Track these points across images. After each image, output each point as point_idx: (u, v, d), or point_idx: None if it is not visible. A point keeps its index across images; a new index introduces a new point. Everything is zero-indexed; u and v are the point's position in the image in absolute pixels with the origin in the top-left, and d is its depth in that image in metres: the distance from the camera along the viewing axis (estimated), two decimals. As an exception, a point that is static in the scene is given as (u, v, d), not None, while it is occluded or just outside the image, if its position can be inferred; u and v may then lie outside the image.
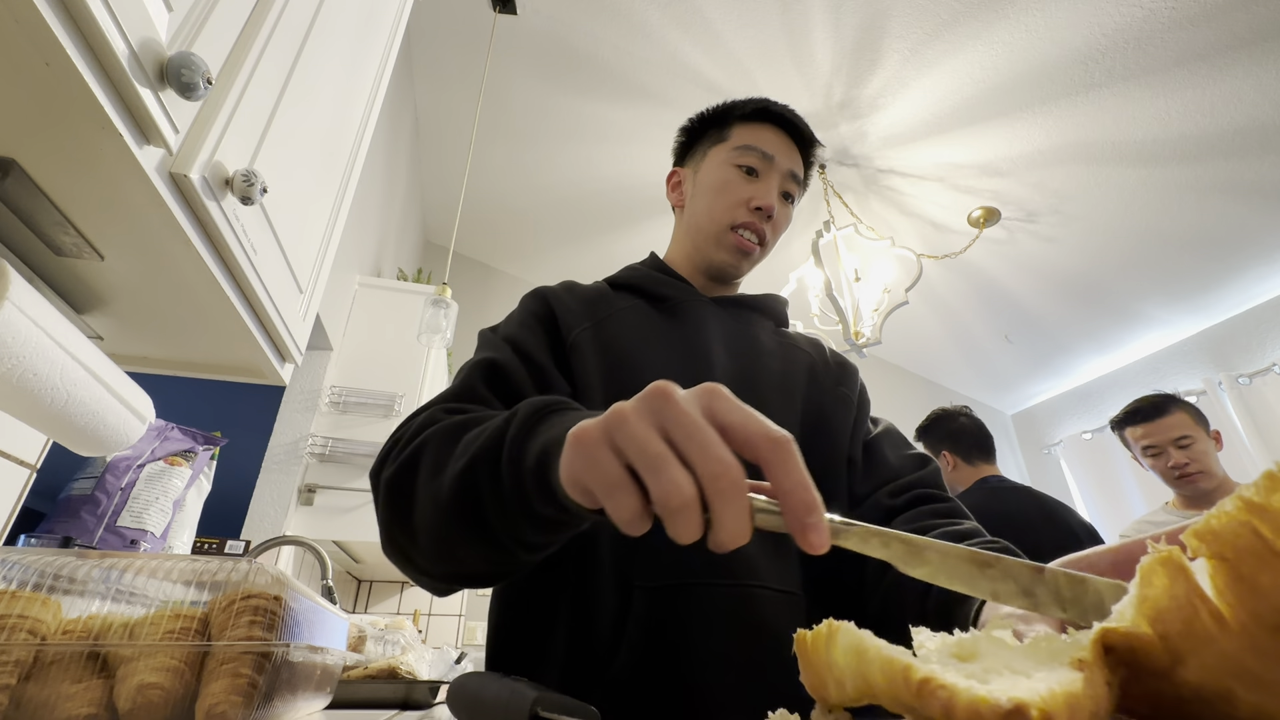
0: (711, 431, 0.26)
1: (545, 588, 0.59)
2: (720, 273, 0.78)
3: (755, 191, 0.75)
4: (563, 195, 2.84)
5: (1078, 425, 3.90)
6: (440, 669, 1.08)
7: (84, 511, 0.78)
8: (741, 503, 0.25)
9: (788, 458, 0.26)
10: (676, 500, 0.25)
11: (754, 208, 0.75)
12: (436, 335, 1.69)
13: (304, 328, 0.80)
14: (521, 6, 2.04)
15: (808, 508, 0.25)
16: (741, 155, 0.76)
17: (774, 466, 0.26)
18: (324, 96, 0.75)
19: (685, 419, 0.26)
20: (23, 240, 0.57)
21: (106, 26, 0.40)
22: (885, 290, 2.44)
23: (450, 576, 0.48)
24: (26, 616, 0.37)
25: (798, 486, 0.25)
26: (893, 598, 0.58)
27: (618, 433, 0.27)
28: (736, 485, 0.25)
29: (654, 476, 0.25)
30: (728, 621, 0.56)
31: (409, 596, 2.56)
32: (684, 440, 0.26)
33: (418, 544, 0.45)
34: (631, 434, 0.27)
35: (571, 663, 0.55)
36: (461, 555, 0.43)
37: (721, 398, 0.27)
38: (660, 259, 0.83)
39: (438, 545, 0.44)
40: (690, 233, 0.80)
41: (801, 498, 0.25)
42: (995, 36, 2.02)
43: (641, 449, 0.26)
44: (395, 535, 0.48)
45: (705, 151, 0.80)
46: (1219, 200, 2.57)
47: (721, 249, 0.76)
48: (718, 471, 0.25)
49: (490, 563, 0.44)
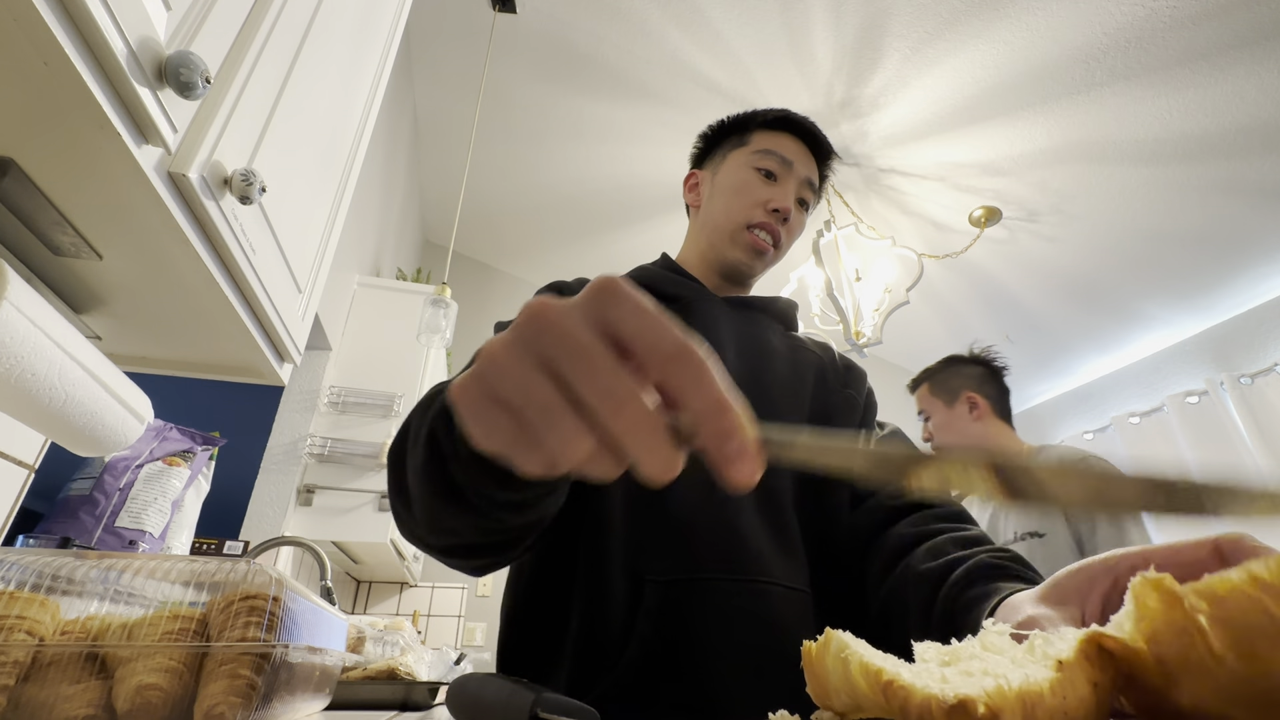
0: (602, 355, 0.21)
1: (556, 581, 0.60)
2: (734, 271, 0.79)
3: (773, 194, 0.77)
4: (563, 194, 2.84)
5: (1079, 425, 3.90)
6: (439, 670, 1.08)
7: (82, 512, 0.78)
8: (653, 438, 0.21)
9: (695, 373, 0.21)
10: (576, 456, 0.21)
11: (771, 209, 0.76)
12: (436, 335, 1.69)
13: (303, 328, 0.80)
14: (521, 5, 2.04)
15: (724, 434, 0.21)
16: (762, 159, 0.78)
17: (679, 388, 0.21)
18: (323, 96, 0.75)
19: (569, 345, 0.21)
20: (21, 240, 0.57)
21: (105, 26, 0.39)
22: (886, 290, 2.43)
23: (451, 549, 0.48)
24: (25, 617, 0.37)
25: (711, 409, 0.21)
26: (894, 600, 0.57)
27: (495, 382, 0.22)
28: (639, 422, 0.20)
29: (546, 434, 0.21)
30: (737, 616, 0.56)
31: (408, 597, 2.56)
32: (568, 370, 0.21)
33: (414, 516, 0.45)
34: (510, 381, 0.22)
35: (581, 656, 0.56)
36: (450, 524, 0.42)
37: (614, 300, 0.22)
38: (672, 259, 0.84)
39: (427, 515, 0.43)
40: (706, 231, 0.81)
41: (716, 424, 0.21)
42: (996, 35, 2.02)
43: (524, 399, 0.22)
44: (397, 509, 0.48)
45: (725, 155, 0.82)
46: (1221, 200, 2.57)
47: (736, 247, 0.77)
48: (612, 409, 0.21)
49: (481, 531, 0.43)
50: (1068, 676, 0.18)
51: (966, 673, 0.20)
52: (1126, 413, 3.58)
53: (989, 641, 0.23)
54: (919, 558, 0.56)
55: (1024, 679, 0.18)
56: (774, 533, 0.62)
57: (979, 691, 0.18)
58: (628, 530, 0.59)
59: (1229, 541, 0.27)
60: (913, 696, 0.19)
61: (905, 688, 0.19)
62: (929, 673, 0.20)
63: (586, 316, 0.22)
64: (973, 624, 0.46)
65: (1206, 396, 3.25)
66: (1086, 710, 0.18)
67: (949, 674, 0.20)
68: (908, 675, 0.20)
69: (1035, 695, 0.18)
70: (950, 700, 0.18)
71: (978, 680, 0.19)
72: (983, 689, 0.18)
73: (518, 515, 0.41)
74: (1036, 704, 0.18)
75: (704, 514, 0.60)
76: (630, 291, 0.22)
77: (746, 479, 0.21)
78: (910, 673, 0.20)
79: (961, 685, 0.19)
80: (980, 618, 0.45)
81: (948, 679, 0.19)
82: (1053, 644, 0.21)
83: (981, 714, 0.17)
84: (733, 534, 0.60)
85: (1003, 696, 0.18)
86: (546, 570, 0.61)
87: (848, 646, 0.22)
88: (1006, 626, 0.24)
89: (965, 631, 0.46)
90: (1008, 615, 0.37)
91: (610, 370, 0.21)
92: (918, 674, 0.20)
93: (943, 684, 0.19)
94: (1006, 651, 0.22)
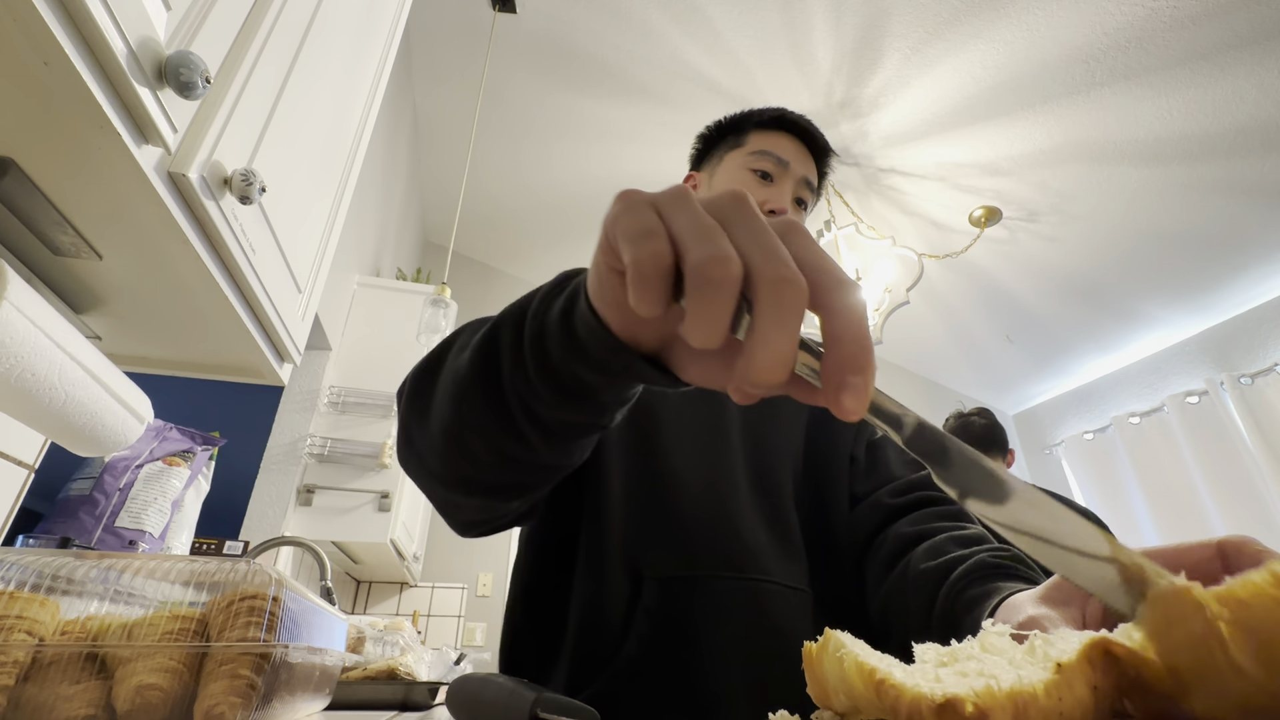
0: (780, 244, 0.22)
1: (558, 578, 0.60)
2: None
3: (769, 195, 0.76)
4: (563, 194, 2.84)
5: (1079, 425, 3.90)
6: (439, 670, 1.08)
7: (82, 512, 0.78)
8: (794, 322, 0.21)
9: (852, 303, 0.22)
10: (718, 270, 0.21)
11: (767, 211, 0.76)
12: (436, 335, 1.69)
13: (303, 328, 0.80)
14: (521, 5, 2.04)
15: (857, 365, 0.21)
16: (757, 160, 0.77)
17: (832, 308, 0.21)
18: (323, 95, 0.75)
19: (755, 222, 0.23)
20: (21, 240, 0.57)
21: (105, 26, 0.39)
22: (886, 290, 2.43)
23: (458, 480, 0.46)
24: (25, 617, 0.37)
25: (856, 336, 0.21)
26: (894, 599, 0.57)
27: (669, 204, 0.24)
28: (796, 298, 0.21)
29: (698, 243, 0.22)
30: (736, 614, 0.56)
31: (408, 597, 2.56)
32: (747, 240, 0.22)
33: (429, 435, 0.44)
34: (685, 209, 0.23)
35: (580, 653, 0.56)
36: (471, 445, 0.41)
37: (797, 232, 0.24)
38: None
39: (448, 433, 0.42)
40: None
41: (853, 351, 0.21)
42: (996, 35, 2.02)
43: (693, 220, 0.23)
44: (410, 430, 0.46)
45: (721, 156, 0.82)
46: (1221, 199, 2.57)
47: None
48: (778, 275, 0.21)
49: (503, 459, 0.41)
50: (1065, 678, 0.18)
51: (962, 673, 0.20)
52: (1126, 413, 3.59)
53: (988, 642, 0.23)
54: (919, 556, 0.56)
55: (1016, 680, 0.18)
56: (774, 531, 0.62)
57: (968, 691, 0.18)
58: (628, 527, 0.59)
59: (1233, 544, 0.27)
60: (903, 696, 0.19)
61: (896, 687, 0.19)
62: (923, 673, 0.20)
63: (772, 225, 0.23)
64: (973, 624, 0.46)
65: (1206, 396, 3.25)
66: (1084, 713, 0.18)
67: (943, 674, 0.20)
68: (900, 675, 0.20)
69: (1028, 696, 0.18)
70: (939, 699, 0.18)
71: (971, 681, 0.19)
72: (972, 689, 0.18)
73: (550, 444, 0.39)
74: (1029, 705, 0.18)
75: (704, 512, 0.60)
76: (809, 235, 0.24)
77: (857, 409, 0.21)
78: (903, 672, 0.20)
79: (954, 685, 0.19)
80: (981, 617, 0.45)
81: (941, 679, 0.20)
82: (1054, 645, 0.21)
83: (969, 713, 0.17)
84: (732, 532, 0.60)
85: (991, 696, 0.18)
86: (547, 566, 0.61)
87: (844, 646, 0.22)
88: (1006, 627, 0.24)
89: (966, 631, 0.46)
90: (1008, 615, 0.37)
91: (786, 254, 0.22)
92: (911, 674, 0.20)
93: (935, 683, 0.19)
94: (1006, 652, 0.22)
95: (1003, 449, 1.88)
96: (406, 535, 2.01)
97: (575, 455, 0.44)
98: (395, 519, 1.84)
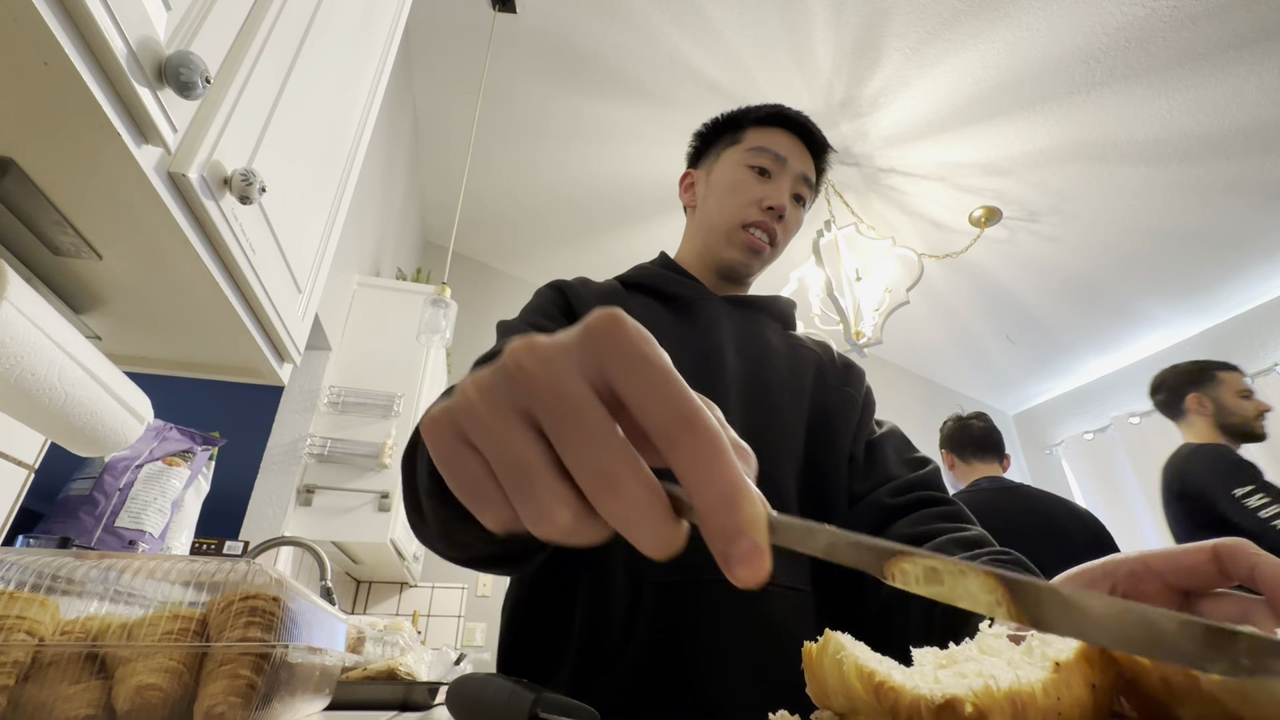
0: (592, 414, 0.18)
1: (558, 586, 0.60)
2: (731, 271, 0.79)
3: (767, 192, 0.76)
4: (563, 194, 2.84)
5: (1079, 425, 3.90)
6: (439, 670, 1.08)
7: (82, 512, 0.78)
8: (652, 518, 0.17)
9: (706, 452, 0.17)
10: (552, 531, 0.18)
11: (765, 207, 0.75)
12: (436, 335, 1.69)
13: (303, 327, 0.80)
14: (521, 5, 2.04)
15: (731, 533, 0.17)
16: (755, 156, 0.77)
17: (686, 469, 0.17)
18: (323, 95, 0.75)
19: (552, 398, 0.18)
20: (21, 240, 0.57)
21: (105, 25, 0.39)
22: (886, 290, 2.43)
23: (469, 561, 0.47)
24: (24, 617, 0.37)
25: (719, 501, 0.17)
26: (894, 600, 0.57)
27: (465, 421, 0.19)
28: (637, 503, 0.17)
29: (513, 494, 0.18)
30: (736, 618, 0.56)
31: (408, 597, 2.56)
32: (553, 431, 0.18)
33: (429, 527, 0.44)
34: (481, 425, 0.19)
35: (582, 658, 0.56)
36: (461, 539, 0.42)
37: (616, 348, 0.18)
38: (670, 258, 0.84)
39: (439, 529, 0.42)
40: (702, 231, 0.81)
41: (723, 520, 0.17)
42: (996, 35, 2.02)
43: (495, 449, 0.18)
44: (412, 519, 0.47)
45: (719, 153, 0.82)
46: (1221, 199, 2.57)
47: (732, 246, 0.77)
48: (606, 487, 0.17)
49: (493, 541, 0.42)
50: (1063, 677, 0.18)
51: (960, 674, 0.20)
52: (1126, 413, 3.58)
53: (986, 644, 0.23)
54: None
55: (1014, 679, 0.18)
56: None
57: (967, 692, 0.18)
58: None
59: (1227, 549, 0.26)
60: (903, 698, 0.19)
61: (896, 689, 0.19)
62: (922, 675, 0.20)
63: (582, 365, 0.18)
64: (973, 628, 0.46)
65: (1206, 396, 3.25)
66: (1083, 712, 0.18)
67: (942, 676, 0.20)
68: (899, 677, 0.20)
69: (1026, 695, 0.18)
70: (938, 700, 0.18)
71: (970, 681, 0.19)
72: (970, 689, 0.18)
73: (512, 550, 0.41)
74: (1028, 704, 0.18)
75: None
76: (635, 336, 0.18)
77: (753, 580, 0.17)
78: (902, 674, 0.20)
79: (953, 686, 0.19)
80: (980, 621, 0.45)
81: (940, 680, 0.20)
82: (1051, 645, 0.21)
83: (969, 713, 0.17)
84: None
85: (990, 696, 0.18)
86: (548, 574, 0.61)
87: (844, 648, 0.22)
88: (1003, 629, 0.24)
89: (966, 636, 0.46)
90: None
91: (605, 437, 0.17)
92: (910, 676, 0.20)
93: (934, 685, 0.19)
94: (1004, 654, 0.22)
95: (999, 452, 1.88)
96: (407, 535, 2.01)
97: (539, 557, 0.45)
98: (395, 519, 1.84)
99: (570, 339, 0.19)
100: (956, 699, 0.18)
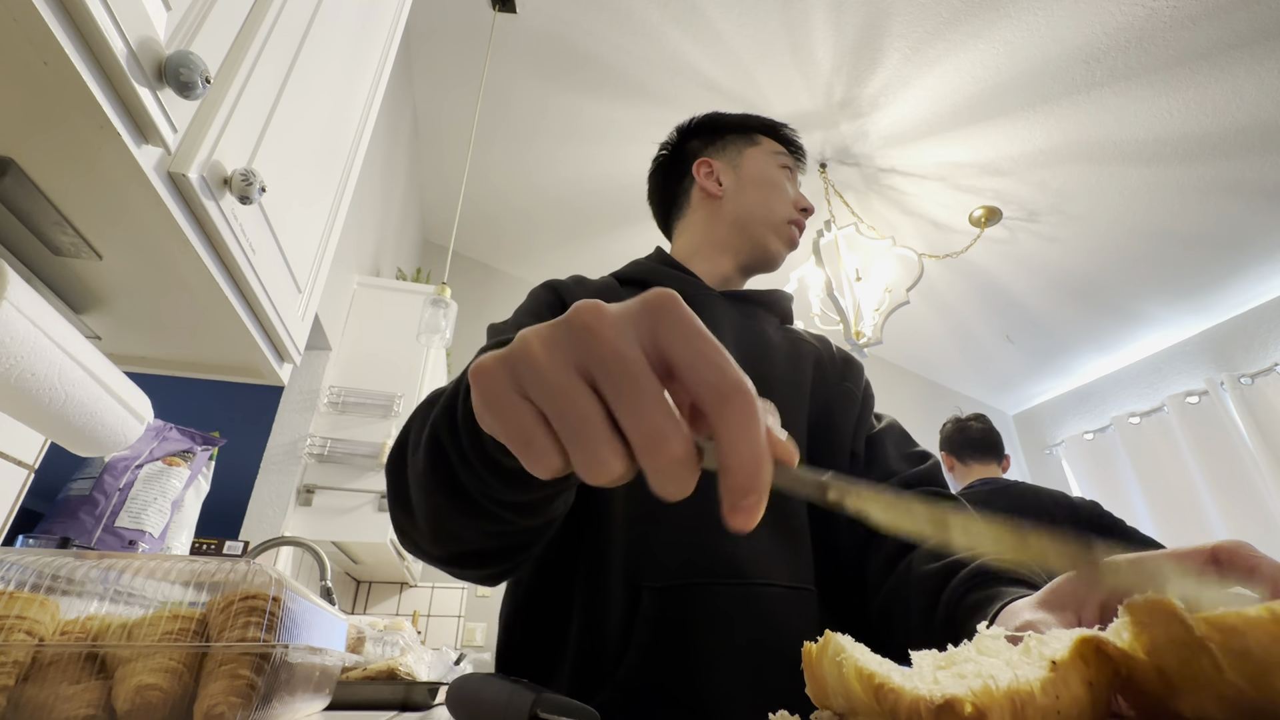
0: (649, 380, 0.20)
1: (555, 589, 0.60)
2: (765, 261, 0.81)
3: (799, 195, 0.82)
4: (563, 194, 2.84)
5: (1079, 425, 3.90)
6: (439, 670, 1.08)
7: (82, 512, 0.78)
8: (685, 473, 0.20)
9: (745, 420, 0.20)
10: (603, 477, 0.20)
11: (800, 208, 0.81)
12: (436, 335, 1.69)
13: (302, 327, 0.80)
14: (521, 5, 2.04)
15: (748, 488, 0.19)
16: (783, 159, 0.83)
17: (721, 430, 0.20)
18: (323, 95, 0.75)
19: (615, 360, 0.20)
20: (21, 240, 0.57)
21: (105, 25, 0.39)
22: (886, 290, 2.43)
23: (456, 557, 0.47)
24: (24, 617, 0.37)
25: (744, 461, 0.19)
26: (895, 600, 0.57)
27: (524, 372, 0.21)
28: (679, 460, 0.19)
29: (571, 443, 0.20)
30: (735, 621, 0.56)
31: (408, 597, 2.56)
32: (612, 390, 0.20)
33: (417, 526, 0.44)
34: (541, 377, 0.20)
35: (581, 664, 0.56)
36: (454, 530, 0.42)
37: (671, 321, 0.21)
38: (666, 253, 0.83)
39: (431, 522, 0.42)
40: (734, 221, 0.80)
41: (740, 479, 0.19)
42: (996, 35, 2.02)
43: (555, 401, 0.20)
44: (398, 520, 0.47)
45: (741, 149, 0.83)
46: (1221, 199, 2.57)
47: (779, 238, 0.80)
48: (655, 445, 0.19)
49: (488, 535, 0.42)
50: (1061, 676, 0.19)
51: (960, 675, 0.20)
52: (1126, 413, 3.59)
53: (984, 645, 0.23)
54: (920, 557, 0.55)
55: (1013, 679, 0.18)
56: (780, 528, 0.61)
57: (966, 692, 0.18)
58: (627, 537, 0.58)
59: (1226, 550, 0.26)
60: (902, 699, 0.19)
61: (895, 690, 0.19)
62: (921, 676, 0.20)
63: (639, 332, 0.21)
64: (974, 629, 0.46)
65: (1206, 396, 3.25)
66: (1081, 710, 0.18)
67: (941, 677, 0.20)
68: (899, 678, 0.20)
69: (1025, 694, 0.18)
70: (938, 701, 0.18)
71: (969, 682, 0.19)
72: (970, 689, 0.18)
73: (525, 516, 0.40)
74: (1027, 703, 0.18)
75: (703, 519, 0.59)
76: (687, 312, 0.21)
77: (745, 527, 0.20)
78: (902, 676, 0.20)
79: (952, 687, 0.19)
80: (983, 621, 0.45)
81: (939, 681, 0.20)
82: (1047, 644, 0.21)
83: (968, 713, 0.18)
84: (732, 537, 0.59)
85: (989, 695, 0.18)
86: (545, 578, 0.60)
87: (844, 650, 0.22)
88: (1001, 630, 0.24)
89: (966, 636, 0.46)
90: (1007, 622, 0.37)
91: (657, 401, 0.20)
92: (909, 677, 0.20)
93: (934, 686, 0.19)
94: (1002, 654, 0.22)
95: (998, 453, 1.89)
96: (406, 535, 2.01)
97: (558, 511, 0.44)
98: (395, 519, 1.83)
99: (631, 309, 0.21)
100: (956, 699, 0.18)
